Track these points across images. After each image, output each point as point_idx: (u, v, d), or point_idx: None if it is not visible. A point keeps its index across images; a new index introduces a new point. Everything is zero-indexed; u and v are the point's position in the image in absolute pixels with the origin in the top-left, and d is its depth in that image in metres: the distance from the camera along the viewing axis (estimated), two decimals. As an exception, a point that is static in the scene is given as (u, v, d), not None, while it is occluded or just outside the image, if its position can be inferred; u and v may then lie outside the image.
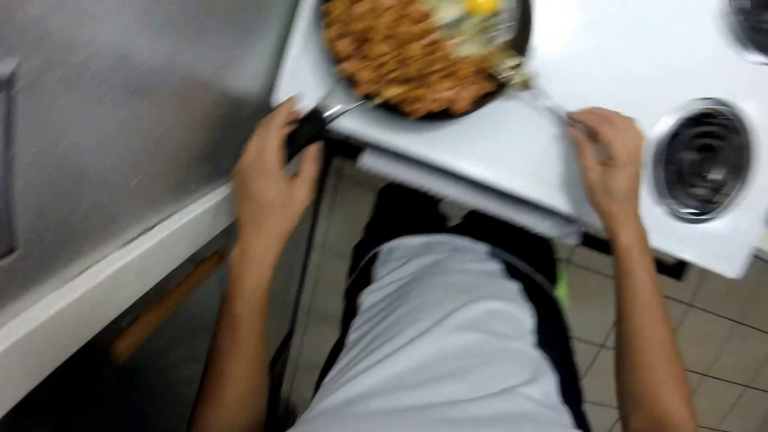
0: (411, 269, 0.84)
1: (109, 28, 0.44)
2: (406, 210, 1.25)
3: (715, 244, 0.91)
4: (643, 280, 0.72)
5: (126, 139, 0.54)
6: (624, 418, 0.71)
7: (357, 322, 0.76)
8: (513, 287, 0.78)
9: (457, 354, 0.60)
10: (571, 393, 0.61)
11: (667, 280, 1.50)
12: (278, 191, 0.70)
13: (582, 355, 0.79)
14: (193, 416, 0.69)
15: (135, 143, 0.56)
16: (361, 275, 0.94)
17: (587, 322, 2.32)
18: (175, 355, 1.95)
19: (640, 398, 0.69)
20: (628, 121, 0.76)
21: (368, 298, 0.81)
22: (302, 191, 0.73)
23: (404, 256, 0.90)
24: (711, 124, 0.86)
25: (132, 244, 0.62)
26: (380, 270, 0.89)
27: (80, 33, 0.41)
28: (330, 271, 2.41)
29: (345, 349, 0.70)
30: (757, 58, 0.84)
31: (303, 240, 2.31)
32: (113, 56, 0.46)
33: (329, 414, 0.54)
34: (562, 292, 0.96)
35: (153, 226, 0.66)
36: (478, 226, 1.06)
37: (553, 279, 0.95)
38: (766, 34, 0.84)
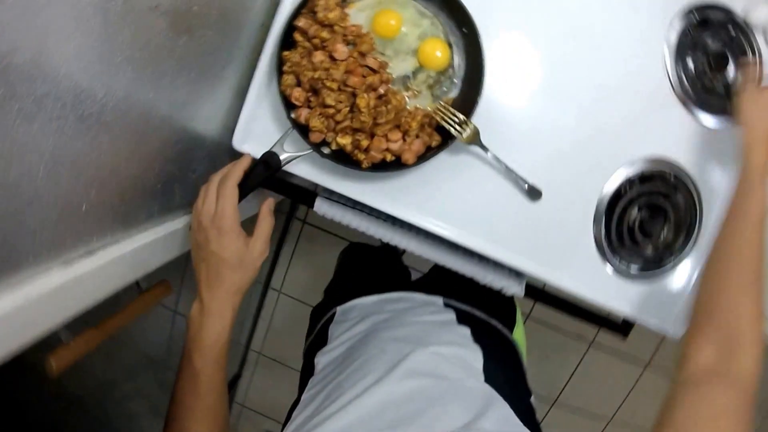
0: (364, 327, 0.87)
1: (69, 65, 0.51)
2: (366, 271, 1.31)
3: (660, 302, 0.95)
4: (759, 200, 0.74)
5: (80, 168, 0.60)
6: (690, 335, 0.69)
7: (312, 381, 0.78)
8: (463, 332, 0.81)
9: (406, 400, 0.63)
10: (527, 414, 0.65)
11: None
12: (237, 249, 0.74)
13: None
14: None
15: (88, 172, 0.61)
16: (318, 336, 0.98)
17: (543, 377, 2.34)
18: (120, 389, 1.94)
19: (718, 306, 0.68)
20: None
21: (323, 358, 0.84)
22: (259, 246, 0.77)
23: (358, 315, 0.94)
24: (658, 182, 0.91)
25: (75, 265, 0.65)
26: (335, 330, 0.93)
27: (42, 69, 0.47)
28: (285, 315, 2.45)
29: (299, 407, 0.72)
30: (707, 119, 0.91)
31: (260, 282, 2.35)
32: (72, 91, 0.53)
33: None
34: (519, 335, 1.00)
35: (97, 250, 0.70)
36: (438, 280, 1.10)
37: (509, 323, 0.98)
38: (716, 95, 0.90)
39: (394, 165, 0.83)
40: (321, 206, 0.97)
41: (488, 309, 0.95)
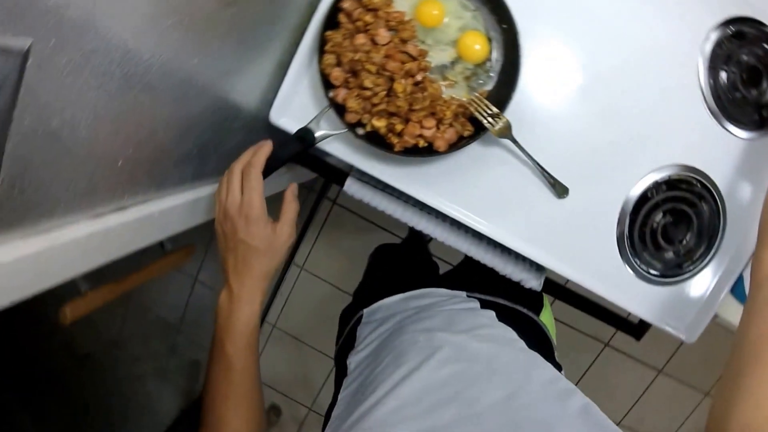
0: (390, 324, 0.89)
1: (120, 24, 0.52)
2: (391, 270, 1.33)
3: (677, 308, 0.95)
4: None
5: (120, 125, 0.61)
6: None
7: (346, 381, 0.80)
8: (489, 314, 0.84)
9: (442, 385, 0.64)
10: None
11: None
12: (265, 236, 0.76)
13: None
14: None
15: (128, 129, 0.63)
16: (347, 339, 0.99)
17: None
18: (130, 350, 1.98)
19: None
20: None
21: (354, 358, 0.85)
22: (285, 232, 0.78)
23: (384, 315, 0.95)
24: (685, 189, 0.91)
25: (104, 218, 0.67)
26: (363, 331, 0.94)
27: (92, 25, 0.48)
28: (304, 291, 2.45)
29: (336, 407, 0.74)
30: (735, 130, 0.90)
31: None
32: (120, 50, 0.54)
33: None
34: (546, 318, 1.01)
35: (128, 207, 0.72)
36: (461, 276, 1.12)
37: (536, 308, 1.00)
38: (746, 108, 0.90)
39: (426, 151, 0.84)
40: (351, 186, 0.98)
41: (513, 297, 0.97)
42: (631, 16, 0.88)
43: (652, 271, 0.94)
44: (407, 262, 1.41)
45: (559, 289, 1.03)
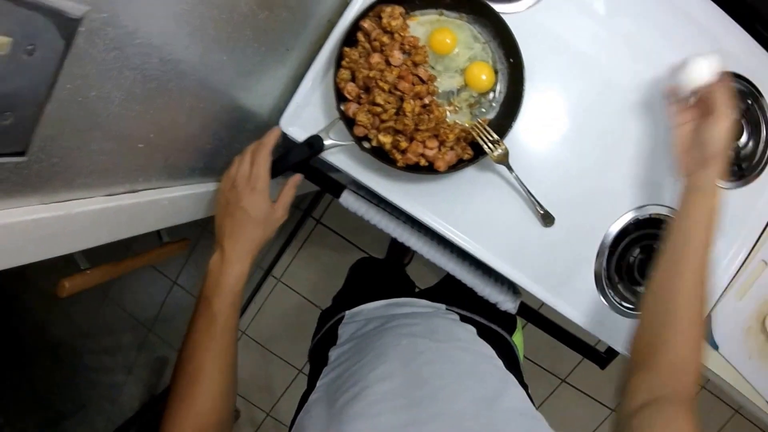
0: (374, 324, 0.92)
1: (164, 8, 0.56)
2: (372, 281, 1.37)
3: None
4: (700, 249, 0.76)
5: (146, 108, 0.63)
6: (633, 371, 0.73)
7: (326, 370, 0.83)
8: (470, 329, 0.87)
9: (426, 381, 0.68)
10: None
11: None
12: (264, 209, 0.82)
13: None
14: (166, 415, 0.73)
15: (153, 114, 0.65)
16: (327, 335, 1.03)
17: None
18: (102, 343, 2.00)
19: (662, 348, 0.71)
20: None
21: (336, 351, 0.88)
22: (281, 211, 0.85)
23: (367, 317, 0.98)
24: (663, 228, 0.96)
25: (116, 197, 0.69)
26: (346, 329, 0.97)
27: (142, 6, 0.52)
28: (277, 302, 2.50)
29: (315, 392, 0.77)
30: None
31: (262, 267, 2.40)
32: (161, 35, 0.57)
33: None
34: (518, 339, 1.04)
35: (140, 190, 0.74)
36: (441, 292, 1.16)
37: (509, 329, 1.03)
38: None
39: (426, 169, 0.87)
40: (347, 199, 1.01)
41: (488, 316, 0.99)
42: (623, 72, 0.95)
43: (625, 304, 0.99)
44: (387, 275, 1.44)
45: (532, 313, 1.08)
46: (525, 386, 0.82)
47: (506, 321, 1.05)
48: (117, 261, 0.85)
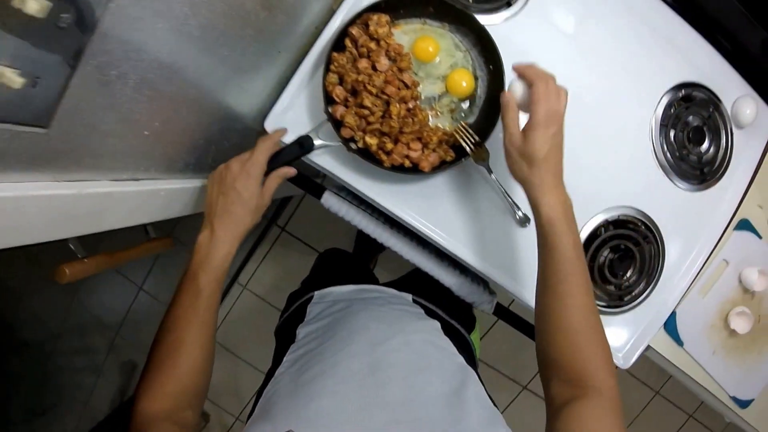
0: (343, 306, 0.95)
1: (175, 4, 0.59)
2: (340, 270, 1.39)
3: (615, 337, 1.05)
4: (565, 250, 0.75)
5: (157, 95, 0.67)
6: (545, 381, 0.75)
7: (294, 347, 0.85)
8: (435, 325, 0.89)
9: (391, 366, 0.71)
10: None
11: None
12: (254, 194, 0.85)
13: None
14: (143, 382, 0.75)
15: (162, 102, 0.69)
16: (295, 313, 1.05)
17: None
18: (70, 343, 1.97)
19: (560, 363, 0.73)
20: (560, 90, 0.82)
21: (304, 329, 0.91)
22: (267, 197, 0.89)
23: (336, 299, 1.01)
24: (631, 229, 1.03)
25: (120, 183, 0.72)
26: (315, 308, 1.00)
27: None
28: (243, 309, 2.51)
29: (282, 366, 0.79)
30: (680, 182, 1.05)
31: (228, 275, 2.39)
32: (179, 18, 0.61)
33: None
34: (475, 338, 1.08)
35: (141, 179, 0.77)
36: (407, 282, 1.18)
37: (468, 327, 1.06)
38: (690, 164, 1.04)
39: (411, 170, 0.91)
40: (328, 200, 1.05)
41: (450, 312, 1.03)
42: (599, 78, 1.01)
43: (598, 302, 1.05)
44: (354, 267, 1.46)
45: (506, 312, 1.13)
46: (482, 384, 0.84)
47: (466, 319, 1.09)
48: (110, 252, 0.87)
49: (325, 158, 0.97)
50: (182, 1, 0.60)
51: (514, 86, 0.84)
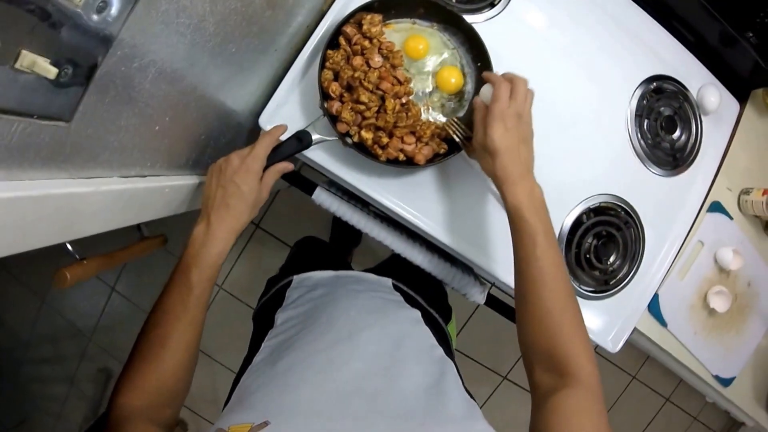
0: (323, 291, 0.97)
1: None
2: (318, 258, 1.39)
3: (603, 321, 1.11)
4: (533, 235, 0.77)
5: (171, 89, 0.69)
6: (528, 370, 0.76)
7: (273, 332, 0.86)
8: (415, 314, 0.91)
9: (372, 356, 0.72)
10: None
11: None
12: (253, 188, 0.85)
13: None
14: (126, 373, 0.74)
15: (172, 96, 0.71)
16: (274, 297, 1.06)
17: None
18: (39, 352, 1.91)
19: (540, 349, 0.74)
20: (520, 90, 0.85)
21: (283, 314, 0.92)
22: (265, 192, 0.88)
23: (316, 284, 1.03)
24: (612, 215, 1.09)
25: (130, 180, 0.73)
26: (293, 293, 1.02)
27: None
28: (220, 310, 2.43)
29: (260, 353, 0.81)
30: (655, 169, 1.13)
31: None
32: (197, 15, 0.64)
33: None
34: (451, 329, 1.11)
35: (146, 176, 0.78)
36: (387, 268, 1.22)
37: (445, 317, 1.09)
38: (663, 151, 1.11)
39: (406, 163, 0.96)
40: (320, 195, 1.09)
41: (429, 300, 1.05)
42: (574, 75, 1.09)
43: (586, 288, 1.10)
44: (332, 255, 1.48)
45: (496, 302, 1.17)
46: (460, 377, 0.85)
47: (443, 308, 1.12)
48: (107, 253, 0.86)
49: (318, 154, 1.00)
50: (201, 5, 0.63)
51: (483, 91, 0.90)
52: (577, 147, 1.09)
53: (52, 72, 0.48)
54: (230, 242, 0.83)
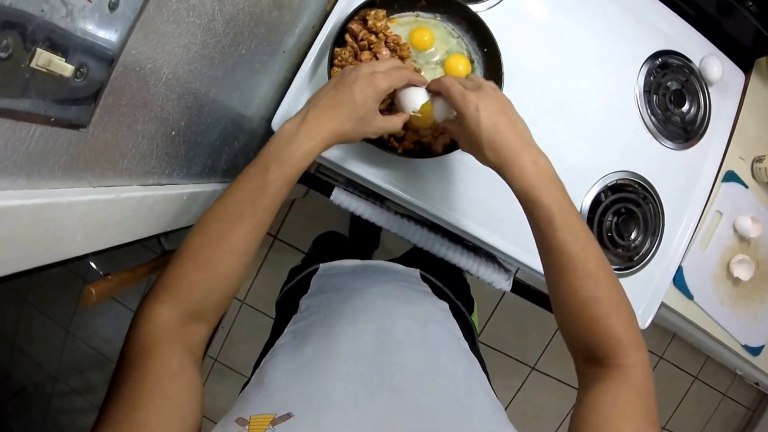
0: (349, 279, 0.93)
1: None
2: (341, 250, 1.37)
3: (631, 299, 1.05)
4: (550, 220, 0.67)
5: (185, 91, 0.66)
6: (572, 356, 0.70)
7: (296, 318, 0.81)
8: (443, 305, 0.87)
9: (398, 344, 0.67)
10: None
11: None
12: (370, 104, 0.72)
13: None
14: (168, 276, 0.64)
15: (187, 99, 0.68)
16: (299, 284, 1.01)
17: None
18: (67, 383, 1.87)
19: (580, 340, 0.67)
20: (468, 81, 0.77)
21: (308, 301, 0.87)
22: (380, 122, 0.76)
23: (342, 272, 0.99)
24: (630, 191, 1.05)
25: (149, 188, 0.69)
26: (319, 280, 0.97)
27: None
28: (245, 325, 2.41)
29: (284, 336, 0.75)
30: (667, 143, 1.09)
31: None
32: (207, 15, 0.61)
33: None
34: (475, 319, 1.08)
35: (164, 184, 0.75)
36: (412, 258, 1.17)
37: (469, 307, 1.05)
38: (673, 124, 1.08)
39: (424, 153, 0.93)
40: (338, 196, 1.05)
41: (456, 291, 1.02)
42: (581, 58, 1.06)
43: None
44: (353, 248, 1.43)
45: (523, 287, 1.13)
46: (483, 364, 0.79)
47: (467, 299, 1.08)
48: (130, 269, 0.82)
49: (334, 153, 0.97)
50: (210, 5, 0.61)
51: (436, 109, 0.82)
52: (589, 128, 1.05)
53: (68, 69, 0.45)
54: (320, 146, 0.69)
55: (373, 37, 0.92)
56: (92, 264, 0.76)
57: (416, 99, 0.81)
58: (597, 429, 0.57)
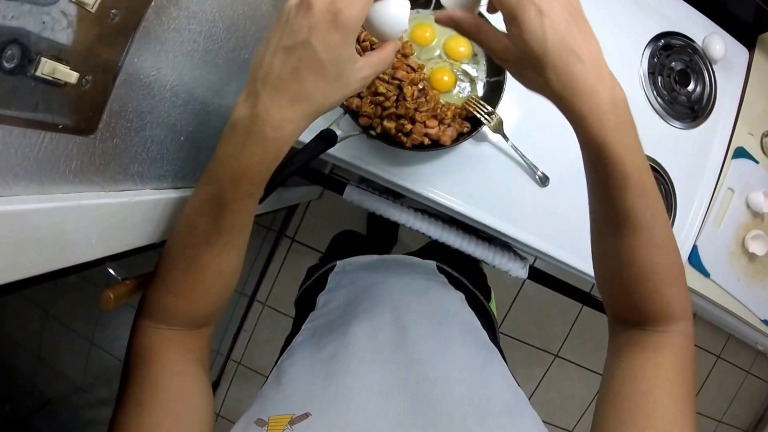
0: (366, 274, 0.91)
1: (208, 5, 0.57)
2: (358, 247, 1.34)
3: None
4: (624, 179, 0.53)
5: (191, 96, 0.65)
6: (609, 313, 0.64)
7: (313, 315, 0.80)
8: (460, 296, 0.85)
9: (418, 338, 0.65)
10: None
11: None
12: (342, 56, 0.48)
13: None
14: (152, 293, 0.60)
15: (194, 104, 0.66)
16: (317, 282, 0.99)
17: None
18: (96, 394, 1.86)
19: (630, 307, 0.60)
20: None
21: (325, 297, 0.85)
22: (366, 70, 0.52)
23: (359, 268, 0.97)
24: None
25: (162, 191, 0.68)
26: (336, 277, 0.95)
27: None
28: (267, 327, 2.40)
29: (302, 333, 0.74)
30: (675, 122, 1.06)
31: (245, 294, 2.33)
32: (208, 21, 0.61)
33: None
34: (493, 307, 1.05)
35: (179, 188, 0.73)
36: (428, 251, 1.15)
37: (486, 296, 1.02)
38: (680, 104, 1.05)
39: (433, 146, 0.90)
40: (351, 194, 1.04)
41: (473, 281, 0.99)
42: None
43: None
44: (371, 245, 1.42)
45: (539, 273, 1.11)
46: (502, 353, 0.76)
47: (484, 288, 1.05)
48: (145, 274, 0.81)
49: (345, 151, 0.95)
50: (212, 4, 0.59)
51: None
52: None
53: (73, 76, 0.44)
54: (292, 135, 0.50)
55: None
56: (110, 270, 0.75)
57: (400, 11, 0.56)
58: (634, 400, 0.52)
